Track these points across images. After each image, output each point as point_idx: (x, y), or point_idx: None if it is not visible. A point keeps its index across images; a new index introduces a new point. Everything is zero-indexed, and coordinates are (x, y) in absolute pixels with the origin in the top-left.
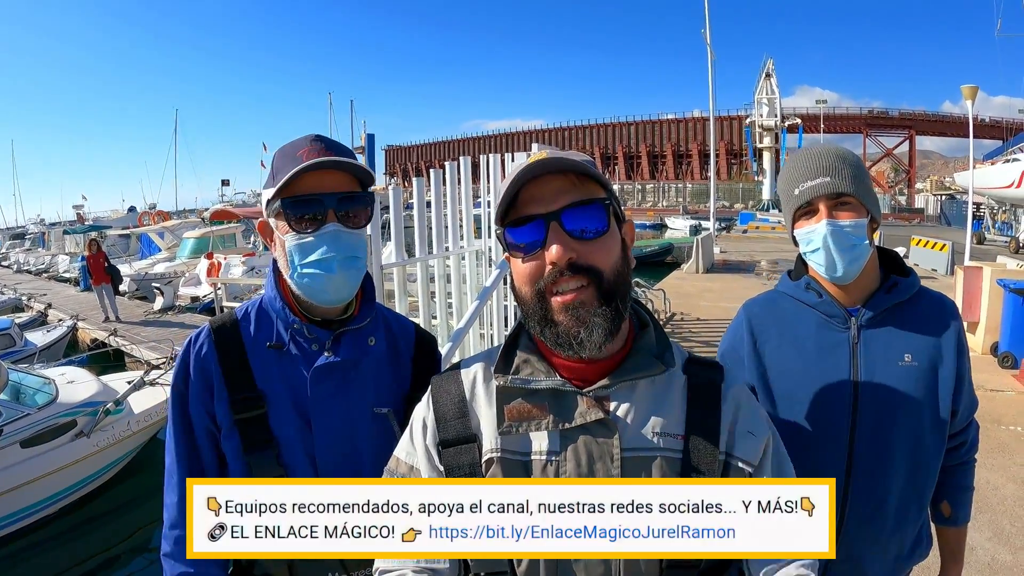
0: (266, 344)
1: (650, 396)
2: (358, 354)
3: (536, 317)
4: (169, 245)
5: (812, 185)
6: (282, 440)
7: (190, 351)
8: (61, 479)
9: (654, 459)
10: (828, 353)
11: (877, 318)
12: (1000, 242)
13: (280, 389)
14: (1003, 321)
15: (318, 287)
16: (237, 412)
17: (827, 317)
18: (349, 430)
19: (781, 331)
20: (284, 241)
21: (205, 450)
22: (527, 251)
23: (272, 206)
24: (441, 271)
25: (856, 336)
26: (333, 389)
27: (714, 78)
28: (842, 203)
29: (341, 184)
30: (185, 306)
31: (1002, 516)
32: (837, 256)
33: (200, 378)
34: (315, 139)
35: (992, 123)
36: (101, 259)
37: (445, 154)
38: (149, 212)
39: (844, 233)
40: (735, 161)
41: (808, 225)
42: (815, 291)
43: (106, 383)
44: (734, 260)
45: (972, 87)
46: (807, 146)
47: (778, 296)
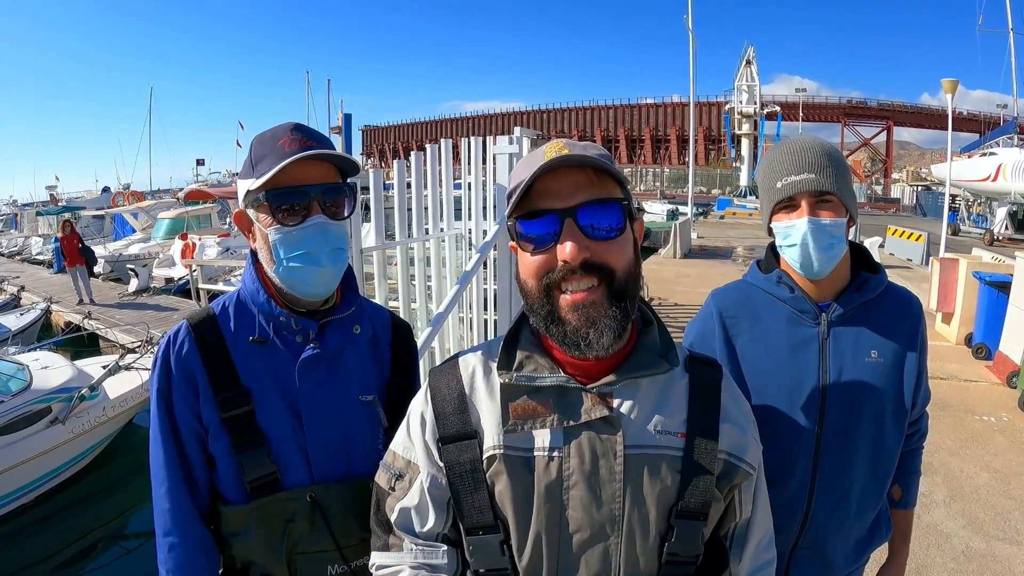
0: (248, 339)
1: (653, 394)
2: (343, 343)
3: (542, 312)
4: (144, 226)
5: (796, 180)
6: (272, 436)
7: (170, 350)
8: (37, 467)
9: (656, 456)
10: (799, 349)
11: (847, 315)
12: (975, 234)
13: (266, 384)
14: (978, 313)
15: (305, 280)
16: (224, 411)
17: (798, 312)
18: (339, 420)
19: (752, 324)
20: (267, 234)
21: (193, 453)
22: (539, 244)
23: (253, 197)
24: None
25: (826, 332)
26: (321, 380)
27: (695, 64)
28: (824, 201)
29: (325, 175)
30: (160, 288)
31: (976, 505)
32: (815, 254)
33: (183, 378)
34: (295, 128)
35: (970, 116)
36: (75, 240)
37: (423, 135)
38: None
39: (824, 232)
40: (713, 147)
41: (788, 220)
42: (787, 285)
43: (81, 368)
44: (711, 246)
45: (953, 81)
46: (793, 138)
47: (748, 287)
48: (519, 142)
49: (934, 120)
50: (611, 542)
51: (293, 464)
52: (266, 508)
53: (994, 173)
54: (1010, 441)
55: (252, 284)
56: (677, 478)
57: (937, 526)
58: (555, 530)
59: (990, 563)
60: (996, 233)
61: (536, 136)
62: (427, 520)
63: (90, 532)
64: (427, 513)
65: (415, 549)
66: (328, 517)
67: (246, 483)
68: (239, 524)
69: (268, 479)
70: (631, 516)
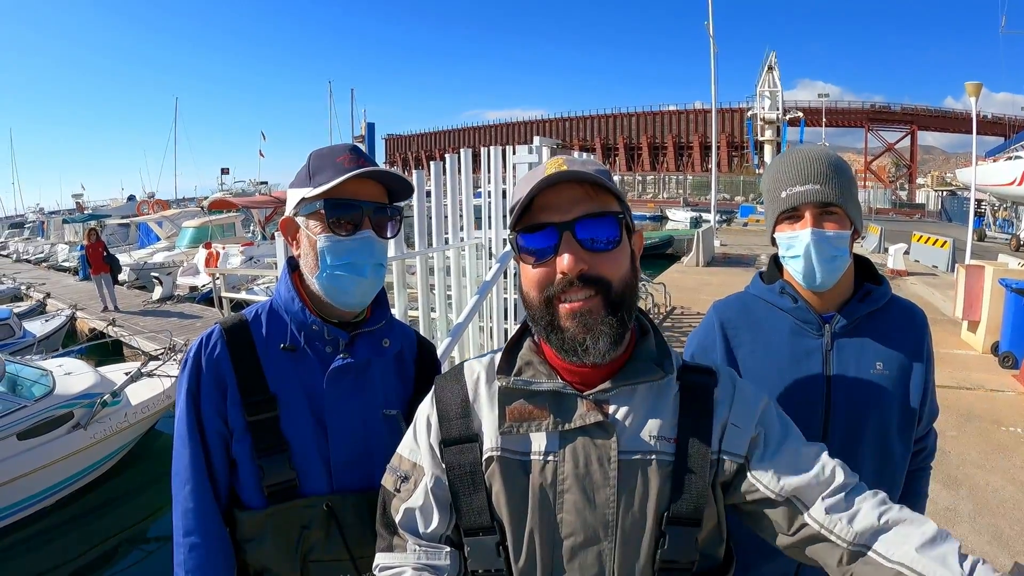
0: (279, 346)
1: (647, 401)
2: (372, 355)
3: (543, 322)
4: (168, 234)
5: (801, 191)
6: (294, 443)
7: (202, 352)
8: (58, 471)
9: (648, 462)
10: (802, 360)
11: (850, 326)
12: (1001, 239)
13: (294, 391)
14: (1004, 321)
15: (346, 289)
16: (250, 414)
17: (801, 323)
18: (362, 432)
19: (755, 336)
20: (316, 240)
21: (216, 455)
22: (539, 257)
23: (307, 205)
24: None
25: (829, 343)
26: (348, 390)
27: (716, 70)
28: (828, 212)
29: (377, 195)
30: (184, 296)
31: (1001, 519)
32: (817, 265)
33: (212, 379)
34: (352, 148)
35: (994, 119)
36: (100, 248)
37: (445, 144)
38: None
39: (828, 243)
40: (736, 153)
41: (792, 231)
42: (790, 296)
43: (103, 374)
44: (734, 253)
45: (976, 84)
46: (797, 147)
47: (750, 299)
48: (539, 151)
49: (958, 124)
50: (604, 546)
51: (313, 472)
52: (283, 514)
53: (1019, 177)
54: None
55: (287, 292)
56: (667, 485)
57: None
58: (549, 533)
59: None
60: (1022, 238)
61: (556, 145)
62: (431, 521)
63: (110, 537)
64: (431, 514)
65: (418, 550)
66: (343, 527)
67: (265, 487)
68: (255, 529)
69: (287, 485)
70: (624, 521)
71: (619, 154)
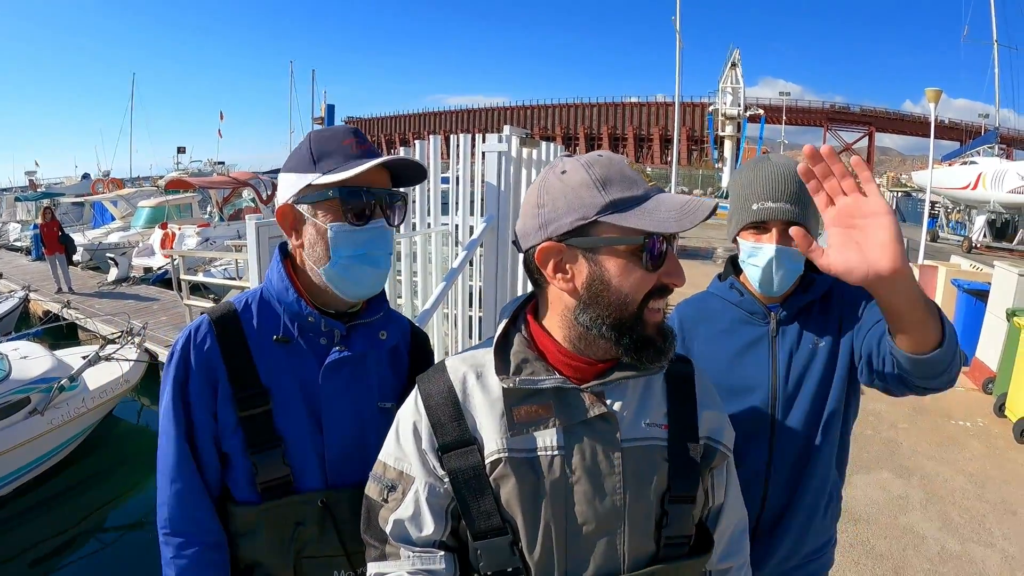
0: (272, 337)
1: (638, 390)
2: (368, 348)
3: (627, 326)
4: (123, 214)
5: (772, 208)
6: (288, 437)
7: (190, 345)
8: (15, 458)
9: (647, 447)
10: (751, 346)
11: (794, 314)
12: (953, 241)
13: (287, 385)
14: (955, 320)
15: (360, 279)
16: (242, 409)
17: (749, 314)
18: (359, 426)
19: (708, 327)
20: (326, 230)
21: (206, 451)
22: (656, 265)
23: (316, 193)
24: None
25: (775, 330)
26: (344, 384)
27: (681, 65)
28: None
29: (385, 182)
30: (139, 277)
31: (951, 507)
32: (776, 276)
33: (202, 373)
34: (354, 131)
35: (952, 125)
36: (55, 228)
37: (406, 128)
38: (103, 179)
39: (790, 258)
40: (696, 148)
41: (757, 241)
42: (738, 290)
43: (60, 358)
44: (692, 246)
45: (936, 90)
46: (771, 159)
47: (708, 296)
48: (508, 140)
49: (916, 127)
50: (616, 531)
51: (308, 467)
52: (277, 510)
53: (974, 182)
54: (985, 446)
55: (280, 283)
56: (666, 466)
57: (913, 528)
58: (563, 525)
59: (965, 565)
60: (975, 241)
61: (525, 135)
62: (424, 529)
63: (70, 526)
64: (423, 523)
65: (412, 556)
66: (338, 523)
67: (258, 484)
68: (248, 524)
69: (281, 481)
70: (632, 505)
71: (580, 144)
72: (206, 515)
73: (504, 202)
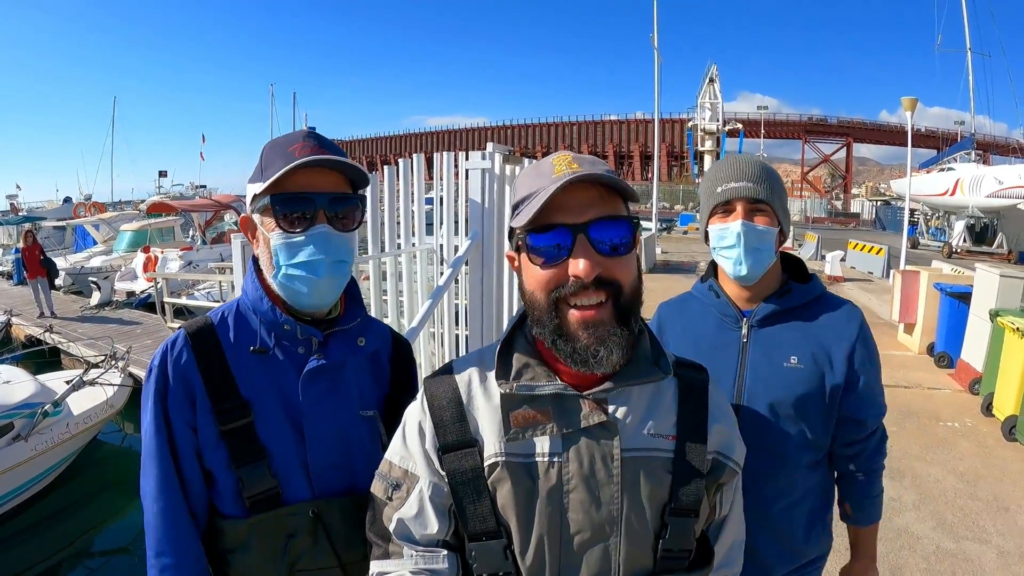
0: (249, 349)
1: (645, 398)
2: (347, 355)
3: (550, 326)
4: (105, 238)
5: (734, 187)
6: (272, 449)
7: (167, 360)
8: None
9: (650, 458)
10: (720, 350)
11: (768, 320)
12: (933, 247)
13: (267, 396)
14: (939, 323)
15: (300, 290)
16: (223, 423)
17: (723, 317)
18: (341, 434)
19: (684, 328)
20: (269, 238)
21: (190, 469)
22: (549, 259)
23: (259, 202)
24: (393, 269)
25: (747, 336)
26: (324, 393)
27: (660, 82)
28: (758, 209)
29: (333, 184)
30: (122, 301)
31: (944, 507)
32: (744, 255)
33: (180, 389)
34: (309, 135)
35: (928, 133)
36: (37, 251)
37: (387, 150)
38: (85, 203)
39: (755, 234)
40: (676, 163)
41: (724, 223)
42: (714, 291)
43: (43, 383)
44: (675, 260)
45: (912, 99)
46: (737, 154)
47: (689, 297)
48: (492, 157)
49: (893, 136)
50: (611, 542)
51: (294, 478)
52: (267, 523)
53: (952, 188)
54: (974, 445)
55: (255, 292)
56: (669, 478)
57: (908, 528)
58: (557, 532)
59: (961, 562)
60: (955, 246)
61: (508, 152)
62: (428, 528)
63: (55, 553)
64: (428, 521)
65: (415, 555)
66: (331, 533)
67: (246, 498)
68: (239, 539)
69: (269, 493)
70: (629, 516)
71: None
72: (190, 535)
73: (488, 219)
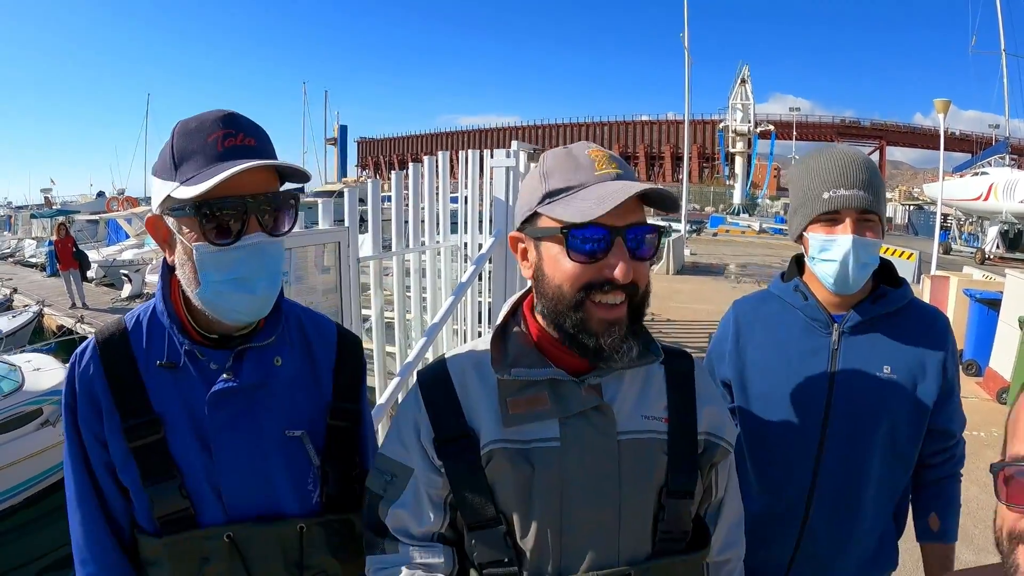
0: (156, 362)
1: (637, 383)
2: (263, 376)
3: (572, 319)
4: (137, 231)
5: (846, 195)
6: (185, 468)
7: (75, 371)
8: (27, 468)
9: (645, 441)
10: (808, 357)
11: (860, 326)
12: (966, 253)
13: (177, 412)
14: (968, 330)
15: (234, 307)
16: (131, 440)
17: (811, 321)
18: (258, 458)
19: (766, 331)
20: (192, 249)
21: (105, 482)
22: (589, 256)
23: (174, 204)
24: (417, 265)
25: (837, 342)
26: (235, 415)
27: (690, 82)
28: (867, 219)
29: (264, 182)
30: (152, 294)
31: (966, 518)
32: (852, 271)
33: (87, 402)
34: (226, 119)
35: (962, 136)
36: (69, 244)
37: (418, 148)
38: (118, 197)
39: (866, 250)
40: (707, 165)
41: (830, 234)
42: (802, 293)
43: None
44: (704, 262)
45: (945, 101)
46: (837, 148)
47: (769, 296)
48: (516, 156)
49: (926, 140)
50: (611, 524)
51: (206, 500)
52: (180, 545)
53: (985, 192)
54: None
55: (160, 305)
56: (664, 460)
57: None
58: (557, 517)
59: None
60: (988, 252)
61: (533, 150)
62: (424, 521)
63: None
64: (423, 514)
65: (412, 550)
66: (247, 560)
67: (156, 517)
68: (155, 555)
69: (180, 515)
70: (627, 498)
71: None
72: (110, 549)
73: (513, 217)
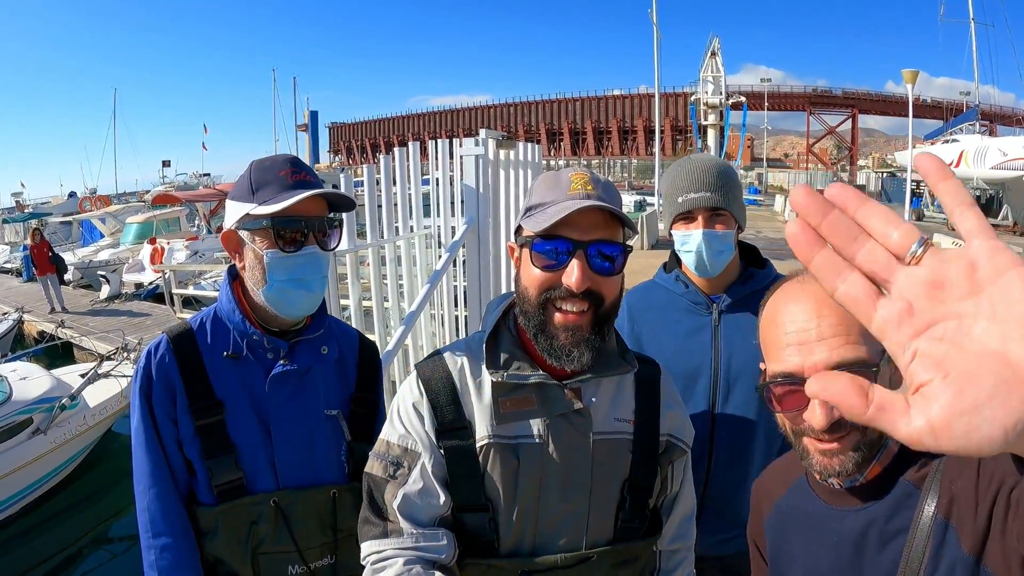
0: (223, 353)
1: (611, 389)
2: (312, 362)
3: (535, 321)
4: (112, 231)
5: (694, 197)
6: (241, 445)
7: (151, 360)
8: (20, 478)
9: (615, 441)
10: (695, 334)
11: (734, 304)
12: (939, 219)
13: (238, 396)
14: None
15: (293, 302)
16: (197, 419)
17: (693, 304)
18: (306, 432)
19: (656, 316)
20: (263, 256)
21: (174, 456)
22: (549, 265)
23: (253, 221)
24: (392, 255)
25: (717, 320)
26: (290, 395)
27: (661, 54)
28: (717, 215)
29: (320, 209)
30: (131, 293)
31: None
32: (707, 258)
33: (163, 387)
34: (292, 161)
35: (933, 103)
36: (45, 248)
37: (390, 131)
38: (90, 197)
39: (717, 240)
40: (680, 137)
41: (687, 229)
42: (683, 282)
43: (59, 378)
44: None
45: (913, 71)
46: (693, 157)
47: (654, 286)
48: (485, 143)
49: (898, 108)
50: (581, 513)
51: (261, 471)
52: (232, 511)
53: (956, 159)
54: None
55: (228, 304)
56: (630, 457)
57: None
58: (536, 505)
59: None
60: None
61: (501, 137)
62: (433, 501)
63: (76, 540)
64: (432, 495)
65: (415, 534)
66: (290, 521)
67: (214, 487)
68: (209, 524)
69: (235, 484)
70: (597, 490)
71: (564, 139)
72: (181, 517)
73: (484, 203)
